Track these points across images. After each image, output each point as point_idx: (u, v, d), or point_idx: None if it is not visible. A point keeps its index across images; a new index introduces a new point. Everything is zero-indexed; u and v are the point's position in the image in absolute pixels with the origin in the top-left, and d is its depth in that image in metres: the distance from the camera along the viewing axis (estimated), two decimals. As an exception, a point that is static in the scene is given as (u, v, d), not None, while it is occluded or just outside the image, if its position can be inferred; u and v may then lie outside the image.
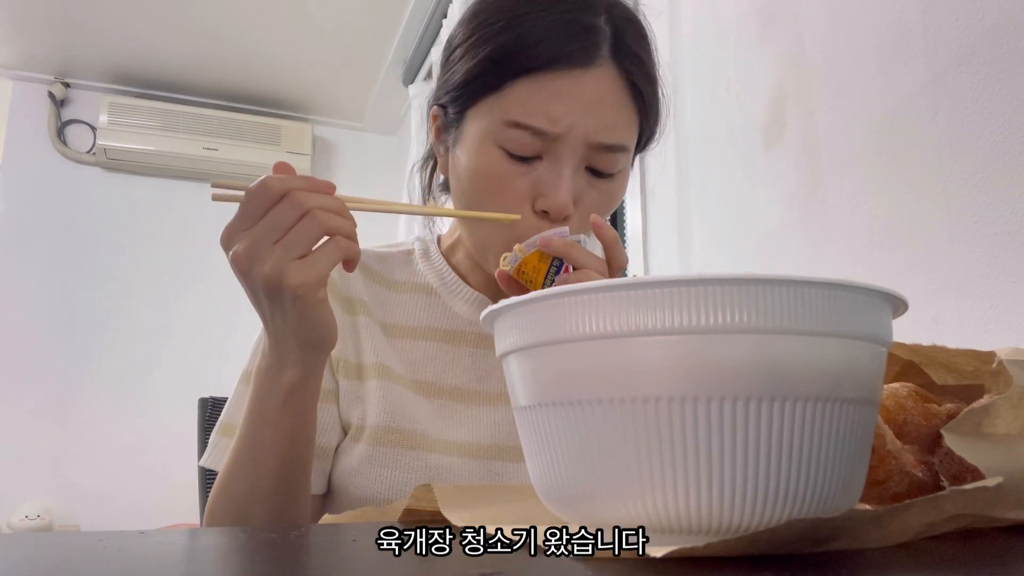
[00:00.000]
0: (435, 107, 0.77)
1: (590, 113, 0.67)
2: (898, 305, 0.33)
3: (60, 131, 3.17)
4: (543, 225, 0.68)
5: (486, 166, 0.69)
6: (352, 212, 0.59)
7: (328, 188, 0.57)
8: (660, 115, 0.76)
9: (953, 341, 0.45)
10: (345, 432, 0.76)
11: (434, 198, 0.86)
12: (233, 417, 0.75)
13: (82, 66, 3.11)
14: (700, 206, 1.48)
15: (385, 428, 0.74)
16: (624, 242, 1.76)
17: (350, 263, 0.59)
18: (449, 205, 0.83)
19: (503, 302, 0.34)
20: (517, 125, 0.67)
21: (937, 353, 0.44)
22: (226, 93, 3.30)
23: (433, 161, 0.84)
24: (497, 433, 0.77)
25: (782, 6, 1.27)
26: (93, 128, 3.18)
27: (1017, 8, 0.86)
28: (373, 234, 0.61)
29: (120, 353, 3.09)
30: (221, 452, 0.73)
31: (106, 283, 3.13)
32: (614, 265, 0.68)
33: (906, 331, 0.43)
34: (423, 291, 0.82)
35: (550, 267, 0.64)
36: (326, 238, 0.56)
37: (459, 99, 0.72)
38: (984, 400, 0.37)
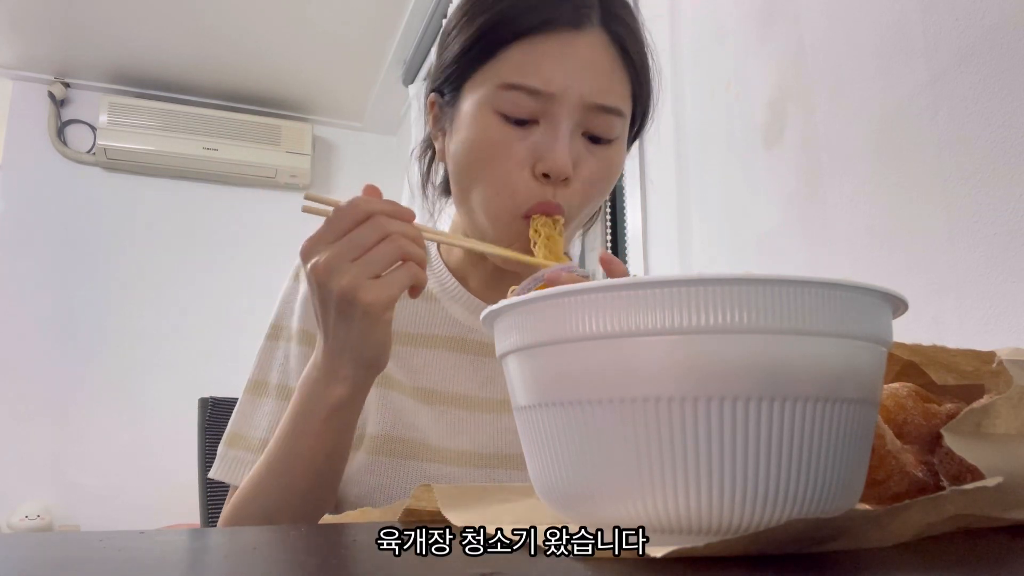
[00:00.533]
0: (432, 93, 0.78)
1: (584, 74, 0.68)
2: (898, 305, 0.33)
3: (60, 131, 3.17)
4: (544, 191, 0.69)
5: (483, 132, 0.69)
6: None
7: (409, 216, 0.60)
8: (652, 87, 0.77)
9: (953, 341, 0.45)
10: None
11: (433, 187, 0.86)
12: (240, 427, 0.75)
13: (82, 66, 3.11)
14: (700, 206, 1.48)
15: (384, 437, 0.73)
16: (624, 242, 1.76)
17: (416, 290, 0.61)
18: (451, 209, 0.83)
19: (503, 302, 0.34)
20: (512, 87, 0.68)
21: (937, 353, 0.44)
22: (226, 93, 3.30)
23: (431, 151, 0.84)
24: (500, 441, 0.76)
25: (782, 6, 1.27)
26: (93, 128, 3.18)
27: (1017, 8, 0.86)
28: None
29: (120, 353, 3.10)
30: (230, 464, 0.73)
31: (106, 283, 3.13)
32: None
33: (906, 331, 0.43)
34: (423, 297, 0.81)
35: None
36: (400, 262, 0.58)
37: (454, 75, 0.73)
38: (984, 400, 0.37)
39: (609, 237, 1.89)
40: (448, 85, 0.74)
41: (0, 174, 3.07)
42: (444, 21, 0.79)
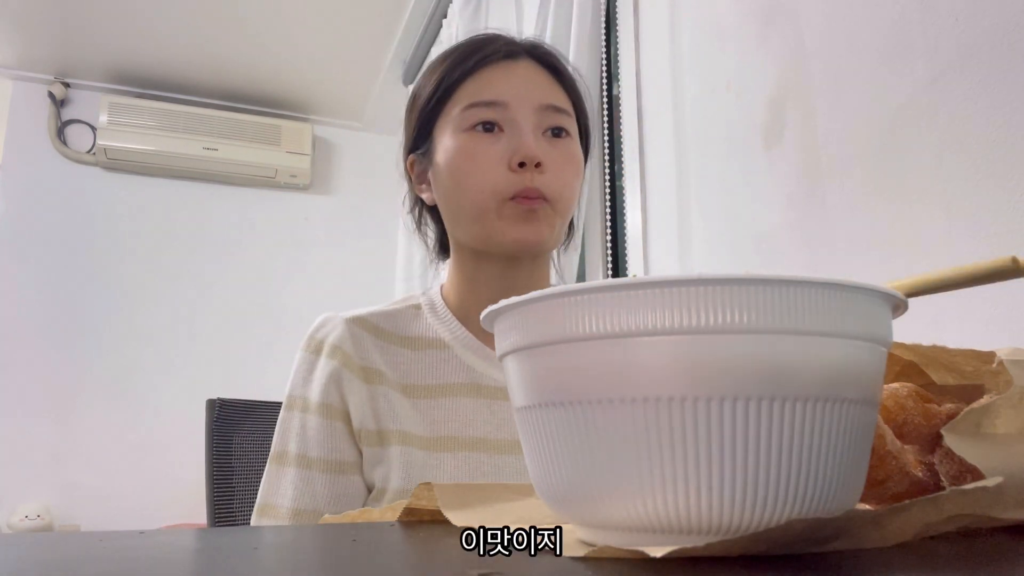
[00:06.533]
0: (410, 156, 0.89)
1: (528, 85, 0.83)
2: (898, 305, 0.33)
3: (60, 131, 3.17)
4: (523, 178, 0.78)
5: (462, 146, 0.81)
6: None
7: None
8: (586, 108, 0.91)
9: (953, 341, 0.45)
10: (369, 491, 0.80)
11: (428, 240, 0.95)
12: (268, 498, 0.79)
13: (82, 66, 3.11)
14: (700, 206, 1.48)
15: (406, 492, 0.76)
16: (624, 242, 1.76)
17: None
18: (446, 268, 0.91)
19: (503, 302, 0.34)
20: (473, 105, 0.82)
21: (937, 353, 0.44)
22: (226, 93, 3.30)
23: (420, 204, 0.92)
24: (521, 482, 0.78)
25: (782, 6, 1.27)
26: (93, 128, 3.18)
27: (1017, 8, 0.86)
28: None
29: (120, 352, 3.09)
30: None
31: (106, 283, 3.13)
32: None
33: (906, 331, 0.43)
34: (437, 346, 0.85)
35: None
36: None
37: (425, 125, 0.86)
38: (984, 400, 0.37)
39: (609, 237, 1.89)
40: (421, 139, 0.87)
41: (0, 174, 3.06)
42: (444, 21, 0.85)
